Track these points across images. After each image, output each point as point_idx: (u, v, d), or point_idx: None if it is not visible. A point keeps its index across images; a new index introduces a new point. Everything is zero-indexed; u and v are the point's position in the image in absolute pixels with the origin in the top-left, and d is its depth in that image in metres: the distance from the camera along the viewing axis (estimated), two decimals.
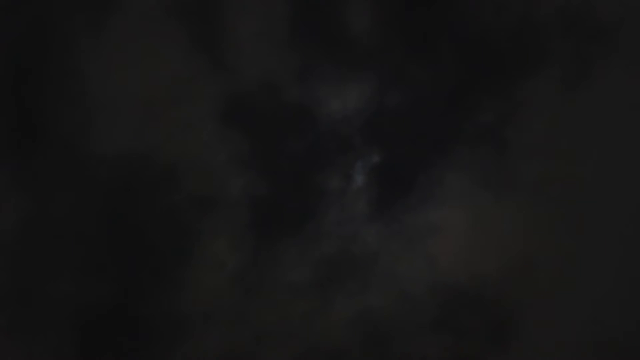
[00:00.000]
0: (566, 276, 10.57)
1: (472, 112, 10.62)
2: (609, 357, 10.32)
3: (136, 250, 10.32)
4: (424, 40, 10.61)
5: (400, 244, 10.63)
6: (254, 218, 10.57)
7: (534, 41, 10.54)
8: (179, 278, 10.38)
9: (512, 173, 10.62)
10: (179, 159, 10.46)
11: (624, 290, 10.48)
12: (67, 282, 10.21)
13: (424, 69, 10.62)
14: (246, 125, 10.62)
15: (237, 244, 10.53)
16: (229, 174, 10.58)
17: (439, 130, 10.62)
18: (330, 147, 10.63)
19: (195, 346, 10.30)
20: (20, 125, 10.39)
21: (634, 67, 10.50)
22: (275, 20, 10.59)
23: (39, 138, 10.32)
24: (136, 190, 10.35)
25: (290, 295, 10.50)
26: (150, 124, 10.48)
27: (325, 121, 10.64)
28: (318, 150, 10.61)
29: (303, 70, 10.60)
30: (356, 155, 10.69)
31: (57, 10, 10.39)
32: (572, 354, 10.36)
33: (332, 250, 10.59)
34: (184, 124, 10.52)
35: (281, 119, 10.58)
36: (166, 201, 10.39)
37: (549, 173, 10.62)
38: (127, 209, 10.33)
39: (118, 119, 10.44)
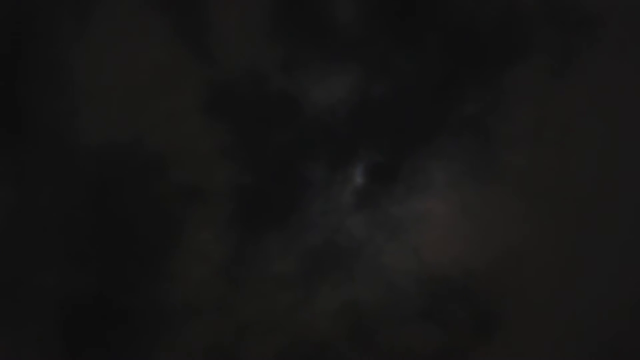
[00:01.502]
0: (554, 268, 10.54)
1: (457, 102, 10.60)
2: (597, 350, 10.29)
3: (121, 241, 10.29)
4: (409, 31, 10.59)
5: (386, 234, 10.60)
6: (239, 209, 10.54)
7: (518, 31, 10.53)
8: (164, 269, 10.35)
9: (497, 163, 10.59)
10: (164, 149, 10.43)
11: (613, 283, 10.45)
12: (52, 273, 10.18)
13: (408, 59, 10.61)
14: (231, 115, 10.59)
15: (222, 235, 10.49)
16: (214, 164, 10.55)
17: (424, 120, 10.59)
18: (315, 138, 10.61)
19: (180, 337, 10.26)
20: (3, 116, 10.36)
21: (618, 56, 10.49)
22: (260, 9, 10.57)
23: (23, 129, 10.29)
24: (121, 180, 10.33)
25: (275, 287, 10.46)
26: (135, 114, 10.46)
27: (310, 112, 10.61)
28: (303, 141, 10.59)
29: (288, 61, 10.58)
30: (341, 146, 10.66)
31: None
32: (559, 347, 10.33)
33: (317, 242, 10.56)
34: (168, 114, 10.49)
35: (266, 109, 10.56)
36: (151, 192, 10.36)
37: (534, 163, 10.60)
38: (112, 199, 10.30)
39: (102, 109, 10.42)
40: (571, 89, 10.57)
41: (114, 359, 10.15)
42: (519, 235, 10.57)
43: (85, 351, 10.13)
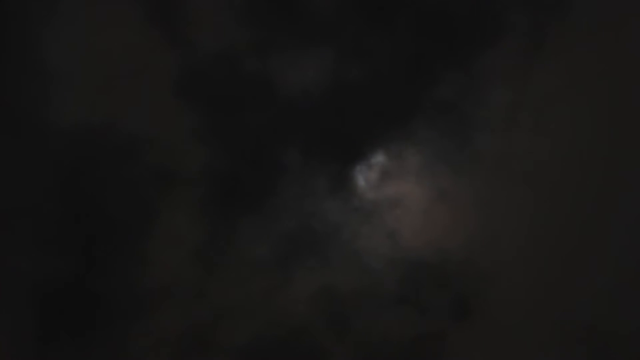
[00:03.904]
0: (531, 252, 10.53)
1: (431, 86, 10.59)
2: (573, 334, 10.27)
3: (94, 225, 10.25)
4: (382, 13, 10.59)
5: (361, 219, 10.58)
6: (213, 193, 10.51)
7: (491, 13, 10.52)
8: (138, 253, 10.31)
9: (472, 147, 10.59)
10: (137, 132, 10.39)
11: (589, 266, 10.43)
12: (23, 257, 10.13)
13: (382, 42, 10.59)
14: (204, 99, 10.57)
15: (197, 219, 10.46)
16: (187, 147, 10.52)
17: (398, 103, 10.58)
18: (289, 121, 10.59)
19: (155, 322, 10.22)
20: None
21: (591, 37, 10.50)
22: None
23: None
24: (94, 163, 10.29)
25: (251, 272, 10.43)
26: (108, 96, 10.41)
27: (284, 95, 10.59)
28: (277, 125, 10.57)
29: (261, 44, 10.56)
30: (315, 130, 10.64)
31: None
32: (536, 331, 10.32)
33: (292, 226, 10.53)
34: (141, 97, 10.45)
35: (239, 92, 10.54)
36: (124, 175, 10.33)
37: (510, 146, 10.60)
38: (84, 182, 10.26)
39: (75, 92, 10.37)
40: (545, 72, 10.56)
41: (88, 343, 10.11)
42: (495, 219, 10.58)
43: (58, 336, 10.08)
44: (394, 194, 10.64)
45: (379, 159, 10.64)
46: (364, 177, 10.65)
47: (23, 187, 10.17)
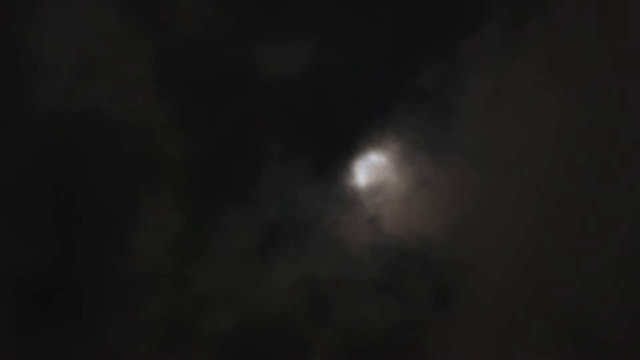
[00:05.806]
0: (512, 241, 10.50)
1: (413, 73, 10.52)
2: (557, 322, 10.27)
3: (75, 212, 10.22)
4: (364, 1, 10.51)
5: (342, 207, 10.54)
6: (195, 181, 10.47)
7: (473, 0, 10.44)
8: (119, 241, 10.28)
9: (453, 134, 10.53)
10: (118, 119, 10.34)
11: (572, 256, 10.41)
12: (3, 245, 10.11)
13: (364, 29, 10.52)
14: (185, 86, 10.51)
15: (178, 207, 10.42)
16: (169, 135, 10.46)
17: (379, 91, 10.52)
18: (271, 109, 10.53)
19: (136, 310, 10.20)
20: None
21: (573, 26, 10.42)
22: None
23: None
24: (75, 150, 10.24)
25: (232, 260, 10.41)
26: (89, 83, 10.36)
27: (265, 82, 10.53)
28: (258, 113, 10.51)
29: (242, 31, 10.49)
30: (296, 118, 10.58)
31: None
32: (517, 320, 10.30)
33: (273, 215, 10.49)
34: (122, 84, 10.39)
35: (221, 80, 10.48)
36: (106, 162, 10.28)
37: (491, 134, 10.54)
38: (66, 169, 10.21)
39: (55, 78, 10.31)
40: (527, 59, 10.50)
41: (68, 332, 10.10)
42: (476, 206, 10.53)
43: (38, 325, 10.06)
44: (375, 181, 10.61)
45: (360, 147, 10.59)
46: (345, 165, 10.60)
47: (3, 174, 10.14)
